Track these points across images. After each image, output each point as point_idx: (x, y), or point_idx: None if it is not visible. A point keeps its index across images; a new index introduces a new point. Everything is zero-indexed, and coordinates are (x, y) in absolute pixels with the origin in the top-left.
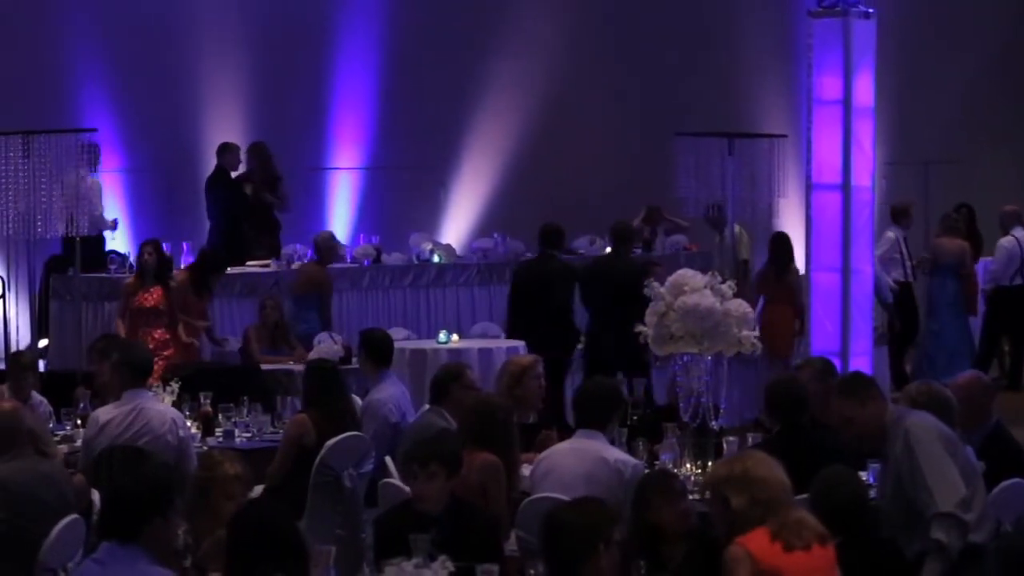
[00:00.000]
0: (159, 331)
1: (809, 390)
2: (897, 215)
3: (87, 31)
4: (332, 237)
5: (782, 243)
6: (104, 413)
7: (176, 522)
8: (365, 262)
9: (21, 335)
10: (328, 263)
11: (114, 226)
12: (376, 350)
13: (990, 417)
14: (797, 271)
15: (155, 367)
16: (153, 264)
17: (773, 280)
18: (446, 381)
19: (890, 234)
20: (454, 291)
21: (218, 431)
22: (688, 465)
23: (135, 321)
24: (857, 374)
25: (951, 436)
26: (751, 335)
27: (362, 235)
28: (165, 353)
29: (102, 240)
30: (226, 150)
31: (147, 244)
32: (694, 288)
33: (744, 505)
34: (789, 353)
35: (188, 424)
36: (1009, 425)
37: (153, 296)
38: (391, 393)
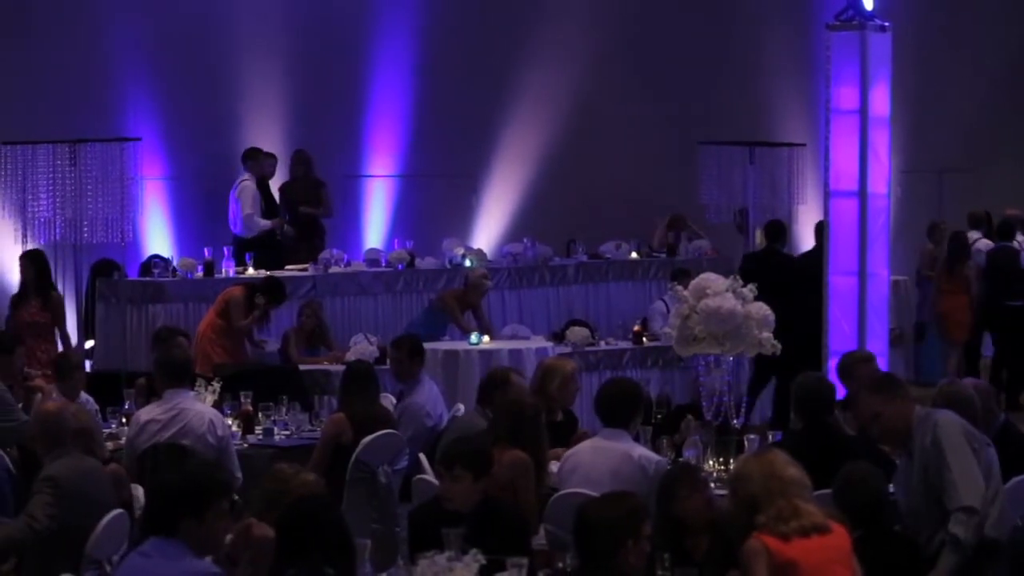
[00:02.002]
0: (42, 346)
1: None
2: None
3: (132, 43)
4: (484, 276)
5: (958, 241)
6: (145, 413)
7: (217, 523)
8: (399, 266)
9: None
10: (469, 298)
11: (280, 226)
12: (413, 351)
13: (997, 418)
14: (971, 266)
15: (44, 384)
16: (31, 277)
17: (947, 273)
18: (490, 388)
19: None
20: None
21: (258, 429)
22: (711, 462)
23: (20, 335)
24: (888, 374)
25: (976, 435)
26: (771, 337)
27: (397, 240)
28: (49, 372)
29: (255, 241)
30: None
31: (24, 257)
32: (716, 291)
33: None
34: (962, 338)
35: (229, 422)
36: None
37: (31, 309)
38: (427, 396)
